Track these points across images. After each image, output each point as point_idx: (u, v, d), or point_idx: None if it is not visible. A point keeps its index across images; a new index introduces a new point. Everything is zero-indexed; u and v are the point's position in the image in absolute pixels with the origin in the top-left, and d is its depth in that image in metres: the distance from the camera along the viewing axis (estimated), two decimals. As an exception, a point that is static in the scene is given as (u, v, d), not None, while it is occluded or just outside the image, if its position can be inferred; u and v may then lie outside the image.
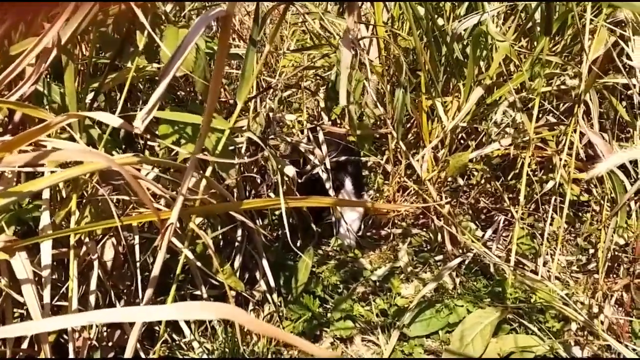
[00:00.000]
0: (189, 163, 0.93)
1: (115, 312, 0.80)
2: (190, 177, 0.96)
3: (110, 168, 0.84)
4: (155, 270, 1.02)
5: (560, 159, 1.75)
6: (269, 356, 1.50)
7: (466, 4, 2.04)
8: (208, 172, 1.11)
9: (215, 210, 1.29)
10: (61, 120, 0.82)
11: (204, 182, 1.11)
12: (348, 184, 1.87)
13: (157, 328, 1.47)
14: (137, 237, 1.30)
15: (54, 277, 1.22)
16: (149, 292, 1.04)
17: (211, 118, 0.89)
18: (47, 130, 0.82)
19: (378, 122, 2.11)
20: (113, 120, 0.81)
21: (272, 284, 1.63)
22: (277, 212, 1.88)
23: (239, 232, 1.64)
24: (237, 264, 1.64)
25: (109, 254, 1.37)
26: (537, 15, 1.86)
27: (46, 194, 1.09)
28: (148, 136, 1.23)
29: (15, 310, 1.23)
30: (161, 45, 0.96)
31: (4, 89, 0.97)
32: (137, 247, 1.30)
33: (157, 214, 0.91)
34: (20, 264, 0.96)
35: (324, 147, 1.83)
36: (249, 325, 0.73)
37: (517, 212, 1.72)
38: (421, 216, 2.14)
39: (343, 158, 1.84)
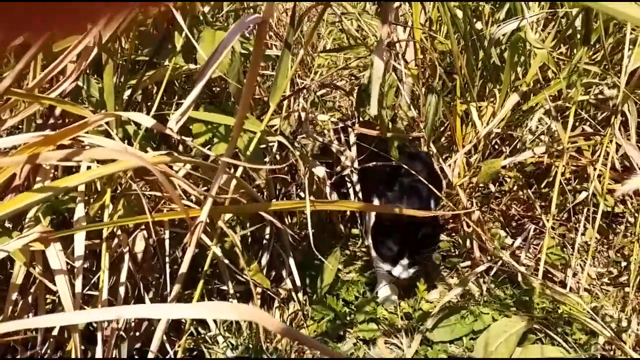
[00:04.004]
0: (219, 164, 0.95)
1: (145, 308, 0.83)
2: (221, 177, 0.98)
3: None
4: (184, 267, 1.05)
5: (595, 169, 1.72)
6: (292, 355, 1.51)
7: (506, 7, 2.01)
8: (239, 172, 1.13)
9: (244, 210, 1.31)
10: (99, 119, 0.84)
11: (234, 181, 1.13)
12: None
13: (183, 320, 1.50)
14: (167, 232, 1.32)
15: (85, 266, 1.26)
16: (177, 287, 1.07)
17: (243, 122, 0.91)
18: (86, 127, 0.84)
19: (412, 125, 2.10)
20: (146, 120, 0.83)
21: (298, 283, 1.64)
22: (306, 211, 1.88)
23: (267, 230, 1.65)
24: (264, 261, 1.65)
25: (139, 246, 1.39)
26: (577, 22, 1.82)
27: (81, 187, 1.12)
28: (182, 137, 1.25)
29: (47, 296, 1.28)
30: (197, 47, 0.98)
31: (45, 84, 1.00)
32: (167, 242, 1.32)
33: (186, 213, 0.93)
34: (55, 255, 0.99)
35: (354, 149, 1.83)
36: (273, 329, 0.74)
37: (548, 221, 1.70)
38: (450, 220, 2.12)
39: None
